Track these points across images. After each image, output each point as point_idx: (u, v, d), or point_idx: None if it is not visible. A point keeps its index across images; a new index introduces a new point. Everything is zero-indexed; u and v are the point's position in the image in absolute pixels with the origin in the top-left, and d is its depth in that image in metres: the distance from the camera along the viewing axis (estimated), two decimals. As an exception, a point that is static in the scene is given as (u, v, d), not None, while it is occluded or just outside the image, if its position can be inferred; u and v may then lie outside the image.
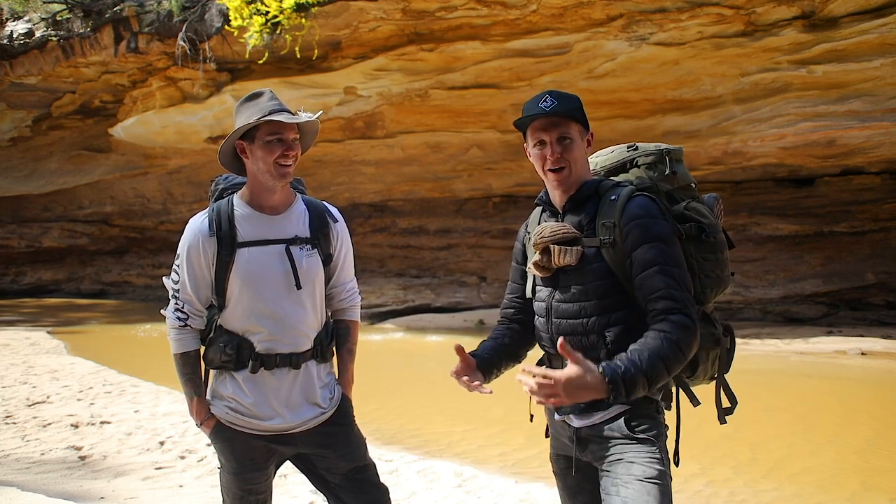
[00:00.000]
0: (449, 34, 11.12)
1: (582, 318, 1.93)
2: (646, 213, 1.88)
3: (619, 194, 1.93)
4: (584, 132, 2.02)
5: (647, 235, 1.85)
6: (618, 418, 1.91)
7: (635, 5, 9.75)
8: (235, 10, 11.42)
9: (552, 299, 2.00)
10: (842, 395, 7.98)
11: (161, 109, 14.10)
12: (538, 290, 2.07)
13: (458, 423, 6.45)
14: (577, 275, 1.93)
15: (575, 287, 1.94)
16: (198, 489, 4.47)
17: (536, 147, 1.99)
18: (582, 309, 1.93)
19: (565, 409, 1.99)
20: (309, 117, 2.24)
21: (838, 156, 11.86)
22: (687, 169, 2.13)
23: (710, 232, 1.97)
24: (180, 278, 2.25)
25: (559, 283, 1.98)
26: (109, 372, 8.94)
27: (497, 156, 14.24)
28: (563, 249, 1.92)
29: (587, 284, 1.92)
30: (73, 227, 22.03)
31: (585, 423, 1.97)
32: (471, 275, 16.87)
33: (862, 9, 9.12)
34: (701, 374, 2.02)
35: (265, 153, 2.18)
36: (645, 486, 1.79)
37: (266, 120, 2.15)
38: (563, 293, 1.97)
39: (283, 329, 2.22)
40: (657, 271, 1.82)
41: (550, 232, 1.95)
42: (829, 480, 4.93)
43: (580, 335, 1.94)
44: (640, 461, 1.84)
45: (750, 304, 13.77)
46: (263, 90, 2.26)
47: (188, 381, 2.29)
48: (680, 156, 2.11)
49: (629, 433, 1.88)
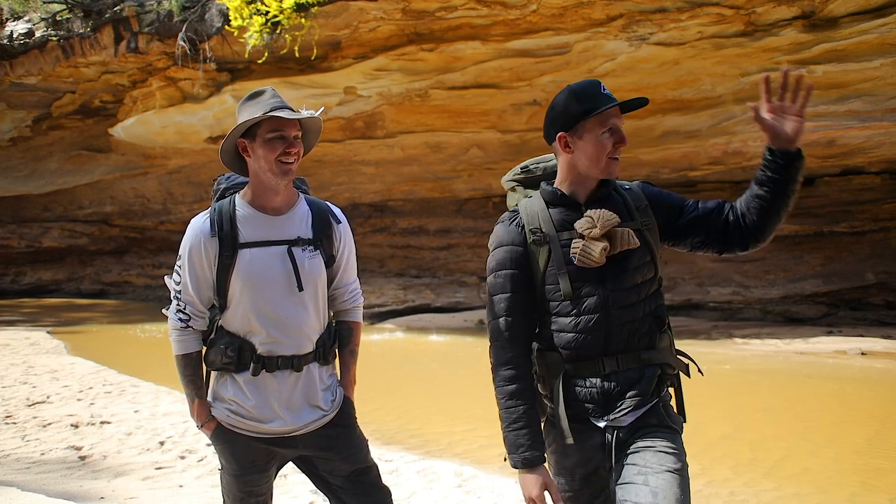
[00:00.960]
0: (449, 34, 11.12)
1: (640, 300, 1.95)
2: (658, 188, 2.10)
3: (630, 185, 2.08)
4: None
5: (672, 195, 2.07)
6: (657, 406, 1.96)
7: (635, 5, 9.75)
8: (235, 10, 11.42)
9: (608, 291, 1.93)
10: (842, 395, 7.98)
11: (161, 109, 14.10)
12: (581, 288, 1.94)
13: (458, 423, 6.45)
14: (628, 259, 1.94)
15: (632, 272, 1.95)
16: (198, 489, 4.47)
17: (607, 133, 1.94)
18: (640, 291, 1.96)
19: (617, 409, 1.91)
20: (311, 114, 2.21)
21: (838, 156, 11.86)
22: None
23: None
24: (182, 279, 2.23)
25: (608, 272, 1.93)
26: (109, 372, 8.94)
27: (497, 156, 14.24)
28: (628, 231, 1.93)
29: (637, 267, 1.95)
30: (73, 227, 22.02)
31: (636, 417, 1.93)
32: (471, 275, 16.87)
33: (862, 9, 9.12)
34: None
35: (267, 150, 2.16)
36: (675, 477, 1.80)
37: (267, 116, 2.13)
38: (620, 281, 1.94)
39: (284, 331, 2.20)
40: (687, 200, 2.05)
41: (610, 217, 1.92)
42: (829, 480, 4.93)
43: (637, 321, 1.95)
44: (671, 451, 1.86)
45: (750, 304, 13.77)
46: (265, 88, 2.24)
47: (189, 383, 2.27)
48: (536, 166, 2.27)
49: (664, 421, 1.93)
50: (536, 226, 2.01)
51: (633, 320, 1.94)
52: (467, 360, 10.37)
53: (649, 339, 1.96)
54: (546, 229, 1.99)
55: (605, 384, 1.93)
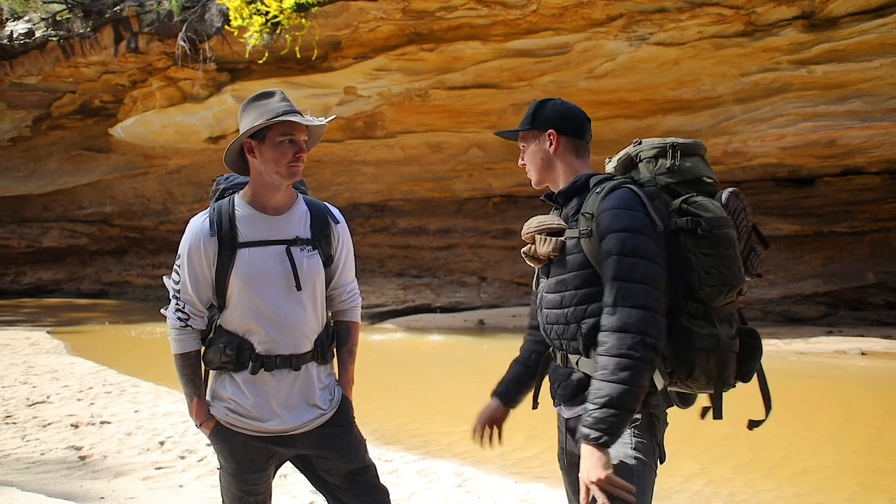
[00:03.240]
0: (449, 34, 11.12)
1: (563, 307, 1.99)
2: (619, 204, 1.86)
3: (605, 187, 1.93)
4: (538, 134, 2.13)
5: (613, 226, 1.84)
6: None
7: (635, 5, 9.75)
8: (235, 10, 11.42)
9: (541, 290, 2.11)
10: (842, 395, 7.98)
11: (161, 109, 14.11)
12: (538, 283, 2.18)
13: (458, 423, 6.45)
14: (560, 265, 2.00)
15: (557, 277, 2.01)
16: (198, 489, 4.47)
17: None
18: (563, 298, 1.99)
19: (558, 399, 2.07)
20: (321, 121, 2.24)
21: (838, 156, 11.87)
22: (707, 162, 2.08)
23: (709, 226, 1.87)
24: (181, 279, 2.24)
25: (549, 273, 2.06)
26: (109, 372, 8.94)
27: (497, 156, 14.25)
28: (544, 239, 2.01)
29: (567, 274, 1.98)
30: (73, 227, 22.02)
31: (572, 414, 2.01)
32: (471, 275, 16.88)
33: (862, 9, 9.13)
34: (702, 377, 1.88)
35: (277, 154, 2.17)
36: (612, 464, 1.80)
37: (281, 120, 2.15)
38: (548, 284, 2.06)
39: (283, 330, 2.21)
40: (612, 262, 1.83)
41: (538, 223, 2.06)
42: (829, 480, 4.93)
43: (562, 325, 2.00)
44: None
45: (750, 304, 13.78)
46: (274, 90, 2.25)
47: (188, 382, 2.28)
48: (692, 150, 2.03)
49: None
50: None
51: (558, 322, 2.01)
52: (467, 361, 10.37)
53: (578, 344, 1.96)
54: None
55: (554, 372, 2.10)
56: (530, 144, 2.15)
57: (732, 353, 1.93)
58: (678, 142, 2.02)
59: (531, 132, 2.15)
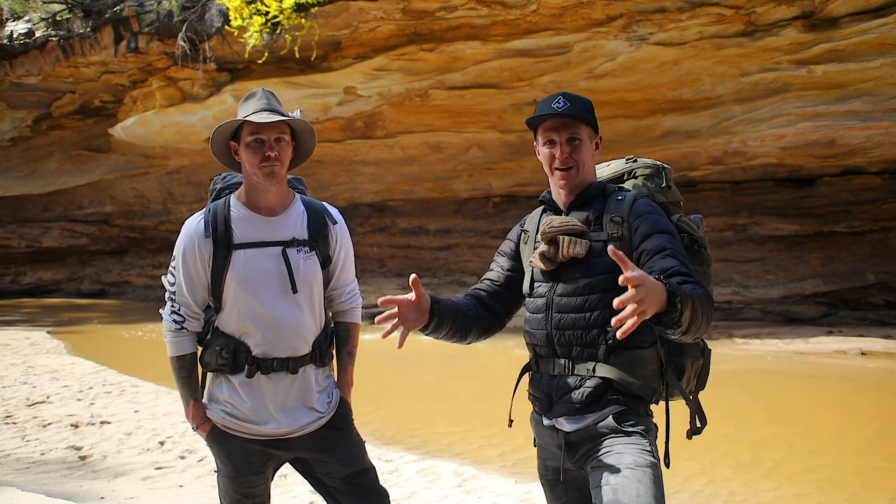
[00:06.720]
0: (449, 34, 11.12)
1: (585, 312, 1.95)
2: (653, 210, 1.97)
3: (626, 195, 2.02)
4: (593, 135, 2.08)
5: (657, 227, 1.92)
6: (607, 417, 1.93)
7: (635, 5, 9.75)
8: (235, 10, 11.42)
9: (553, 293, 2.01)
10: (842, 395, 7.98)
11: (161, 109, 14.10)
12: (536, 286, 2.07)
13: (458, 423, 6.45)
14: (583, 268, 1.97)
15: (581, 281, 1.96)
16: (198, 489, 4.47)
17: (546, 146, 2.05)
18: (586, 303, 1.95)
19: (557, 412, 1.98)
20: (290, 116, 2.19)
21: (838, 156, 11.87)
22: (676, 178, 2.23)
23: (701, 244, 2.06)
24: (176, 280, 2.22)
25: (561, 277, 2.00)
26: (109, 372, 8.93)
27: (497, 156, 14.24)
28: (572, 240, 1.96)
29: (593, 278, 1.95)
30: (73, 227, 22.03)
31: (578, 426, 1.96)
32: (471, 275, 16.86)
33: (862, 9, 9.13)
34: (685, 382, 2.04)
35: (249, 155, 2.17)
36: (635, 472, 1.80)
37: (242, 121, 2.15)
38: (566, 287, 1.99)
39: (279, 333, 2.19)
40: (668, 254, 1.86)
41: (559, 223, 2.00)
42: (829, 480, 4.92)
43: (581, 329, 1.95)
44: (630, 451, 1.85)
45: (750, 304, 13.77)
46: (256, 90, 2.23)
47: (184, 385, 2.26)
48: (671, 174, 2.20)
49: (619, 427, 1.90)
50: (528, 226, 2.19)
51: (575, 328, 1.96)
52: (467, 361, 10.36)
53: (596, 350, 1.93)
54: (530, 229, 2.17)
55: (550, 383, 2.01)
56: (586, 140, 2.04)
57: (706, 362, 2.12)
58: (665, 165, 2.19)
59: (589, 129, 2.05)
